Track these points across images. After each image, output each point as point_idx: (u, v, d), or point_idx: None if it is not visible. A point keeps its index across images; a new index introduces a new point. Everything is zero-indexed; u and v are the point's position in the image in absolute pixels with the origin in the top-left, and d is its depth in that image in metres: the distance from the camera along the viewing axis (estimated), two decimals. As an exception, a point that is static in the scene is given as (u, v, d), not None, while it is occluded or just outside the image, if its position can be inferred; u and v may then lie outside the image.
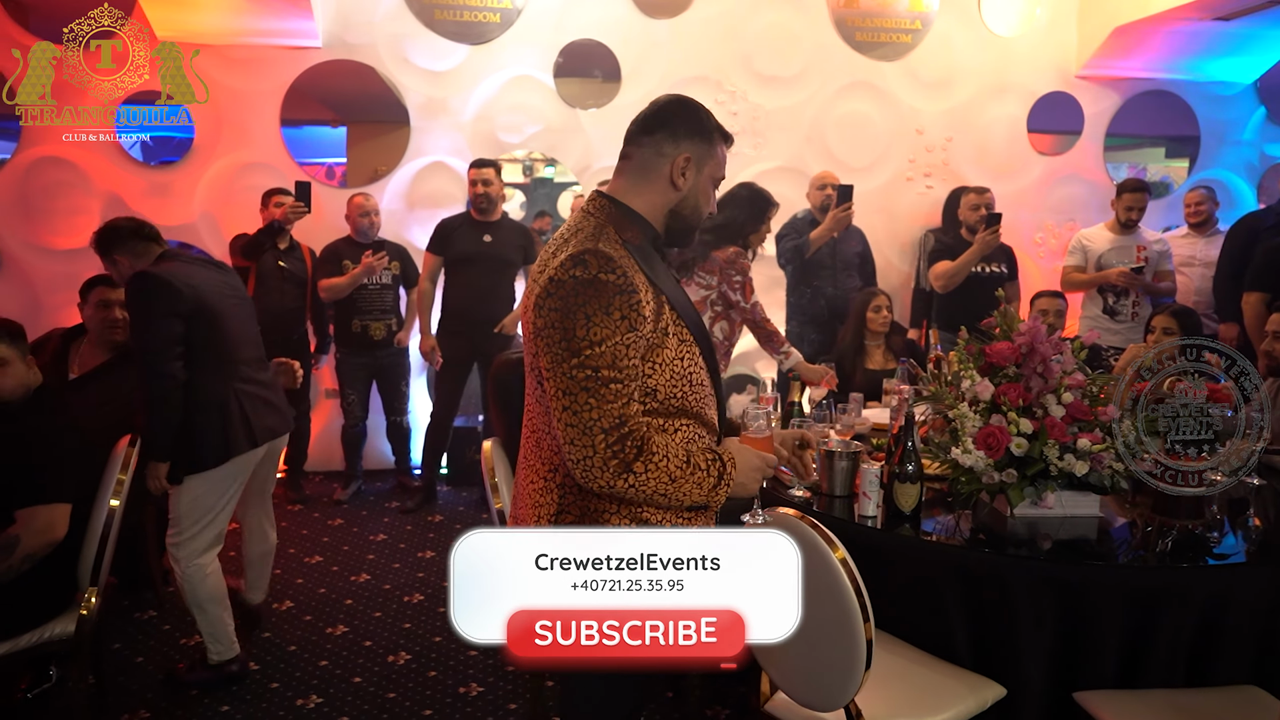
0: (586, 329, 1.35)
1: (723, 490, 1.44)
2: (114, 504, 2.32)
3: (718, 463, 1.44)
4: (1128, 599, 1.94)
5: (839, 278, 4.36)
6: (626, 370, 1.36)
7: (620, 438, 1.35)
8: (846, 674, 1.64)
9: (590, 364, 1.34)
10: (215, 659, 2.74)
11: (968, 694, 1.90)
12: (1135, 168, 7.90)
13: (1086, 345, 2.36)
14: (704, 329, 1.56)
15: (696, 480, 1.41)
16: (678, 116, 1.53)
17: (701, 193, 1.55)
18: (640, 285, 1.39)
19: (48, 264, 4.50)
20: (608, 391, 1.34)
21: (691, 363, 1.48)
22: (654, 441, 1.38)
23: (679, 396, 1.46)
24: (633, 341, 1.37)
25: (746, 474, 1.48)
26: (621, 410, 1.35)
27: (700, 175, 1.53)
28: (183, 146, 4.66)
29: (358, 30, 4.62)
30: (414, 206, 4.83)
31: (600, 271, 1.35)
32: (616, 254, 1.40)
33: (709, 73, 4.92)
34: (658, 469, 1.37)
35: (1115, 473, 2.18)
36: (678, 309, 1.47)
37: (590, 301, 1.35)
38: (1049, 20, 5.19)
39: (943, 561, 2.08)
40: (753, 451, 1.52)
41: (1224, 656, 1.95)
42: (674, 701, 2.66)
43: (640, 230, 1.50)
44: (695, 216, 1.56)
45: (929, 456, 2.37)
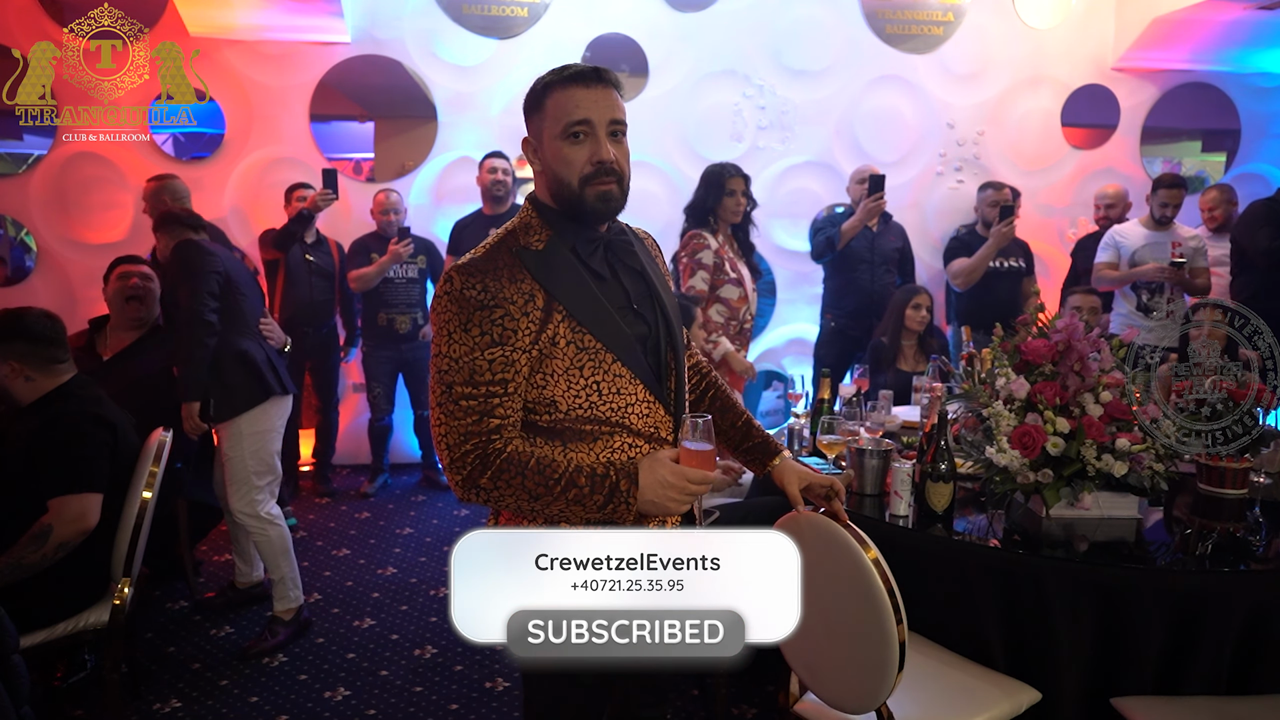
0: (448, 344, 1.34)
1: (620, 509, 1.34)
2: (146, 495, 2.34)
3: (609, 479, 1.33)
4: (1167, 603, 1.89)
5: (876, 273, 4.29)
6: (487, 385, 1.33)
7: (463, 454, 1.33)
8: (879, 676, 1.61)
9: (446, 379, 1.34)
10: (291, 605, 3.02)
11: (1002, 698, 1.86)
12: (1171, 162, 7.74)
13: (1126, 344, 2.31)
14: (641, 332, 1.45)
15: (574, 498, 1.33)
16: (525, 105, 1.49)
17: (554, 159, 1.40)
18: (515, 297, 1.34)
19: (83, 258, 4.56)
20: (457, 408, 1.33)
21: (599, 372, 1.39)
22: (508, 458, 1.33)
23: (586, 407, 1.39)
24: (497, 356, 1.33)
25: (656, 491, 1.33)
26: (471, 426, 1.33)
27: (543, 144, 1.42)
28: (214, 142, 4.71)
29: (386, 25, 4.64)
30: (441, 201, 4.84)
31: (464, 288, 1.33)
32: (492, 266, 1.35)
33: (736, 66, 4.89)
34: (510, 485, 1.33)
35: (1155, 473, 2.12)
36: (579, 317, 1.37)
37: (453, 318, 1.33)
38: (1085, 11, 5.09)
39: (976, 563, 2.04)
40: (670, 467, 1.35)
41: (1270, 664, 1.89)
42: (700, 699, 2.64)
43: (556, 231, 1.42)
44: (568, 184, 1.39)
45: (961, 455, 2.34)
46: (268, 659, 2.89)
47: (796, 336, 5.15)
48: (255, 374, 2.94)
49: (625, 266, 1.51)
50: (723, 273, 3.36)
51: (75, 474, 2.23)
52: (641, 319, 1.48)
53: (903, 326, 3.74)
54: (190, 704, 2.64)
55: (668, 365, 1.51)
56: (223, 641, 3.02)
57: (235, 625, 3.14)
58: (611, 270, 1.48)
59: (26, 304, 4.34)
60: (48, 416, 2.31)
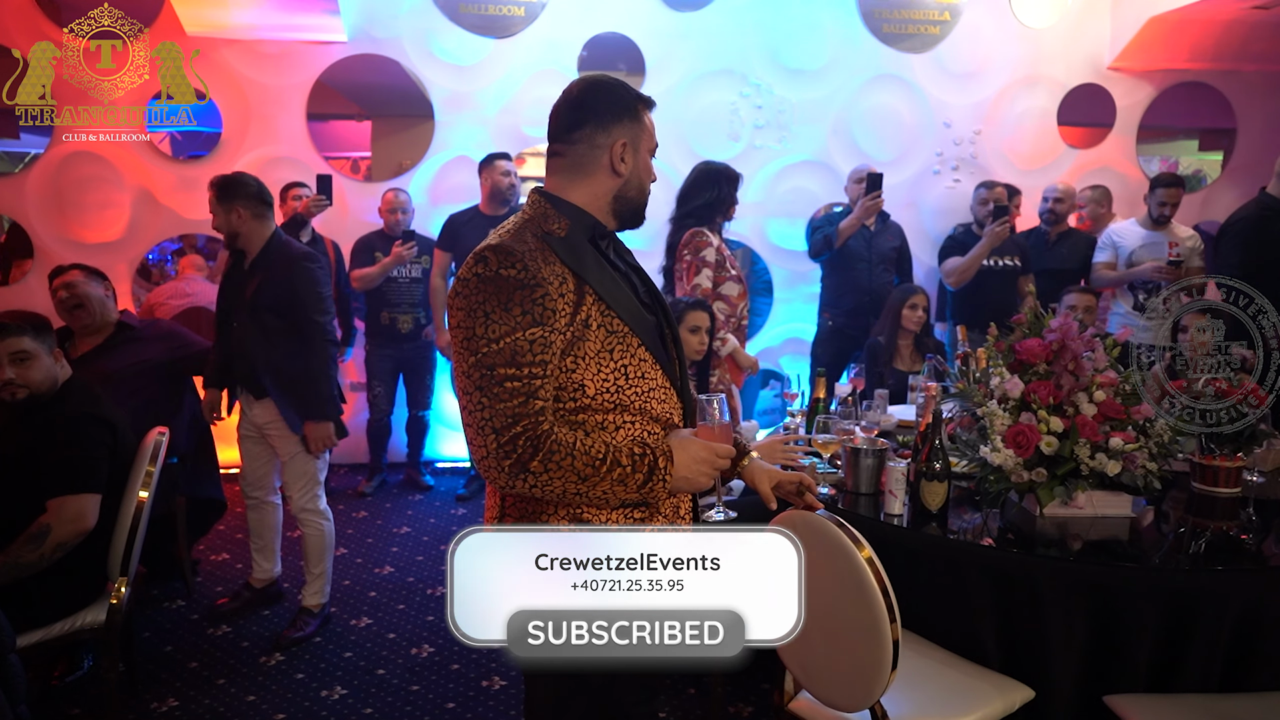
0: (485, 326, 1.32)
1: (658, 487, 1.37)
2: (143, 495, 2.34)
3: (648, 457, 1.36)
4: (1160, 602, 1.90)
5: (874, 271, 4.30)
6: (529, 367, 1.32)
7: (513, 437, 1.30)
8: (873, 674, 1.63)
9: (487, 362, 1.31)
10: (323, 600, 3.13)
11: (995, 696, 1.87)
12: (1168, 161, 7.74)
13: (1120, 343, 2.32)
14: (652, 321, 1.50)
15: (618, 477, 1.34)
16: (601, 103, 1.47)
17: (644, 170, 1.52)
18: (551, 278, 1.34)
19: (79, 257, 4.49)
20: (502, 390, 1.30)
21: (626, 356, 1.41)
22: (557, 440, 1.32)
23: (613, 391, 1.40)
24: (538, 337, 1.32)
25: (690, 468, 1.39)
26: (518, 408, 1.31)
27: (639, 155, 1.49)
28: (211, 141, 4.71)
29: (383, 25, 4.63)
30: (438, 201, 4.84)
31: (501, 268, 1.32)
32: (526, 248, 1.36)
33: (733, 66, 4.89)
34: (560, 468, 1.31)
35: (1149, 472, 2.13)
36: (608, 300, 1.40)
37: (490, 298, 1.32)
38: (1081, 10, 5.09)
39: (970, 561, 2.05)
40: (699, 443, 1.42)
41: (1263, 663, 1.90)
42: (696, 698, 2.65)
43: (573, 221, 1.45)
44: (641, 195, 1.53)
45: (956, 455, 2.34)
46: (264, 658, 2.90)
47: (794, 335, 5.15)
48: (336, 383, 3.08)
49: (626, 263, 1.57)
50: (724, 270, 3.37)
51: (74, 474, 2.24)
52: (650, 310, 1.53)
53: (899, 326, 3.74)
54: (187, 703, 2.64)
55: (673, 355, 1.55)
56: (220, 641, 3.02)
57: (233, 625, 3.14)
58: (621, 265, 1.54)
59: (23, 303, 4.37)
60: (47, 417, 2.31)
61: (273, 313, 2.90)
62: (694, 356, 2.96)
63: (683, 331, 2.93)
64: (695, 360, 3.00)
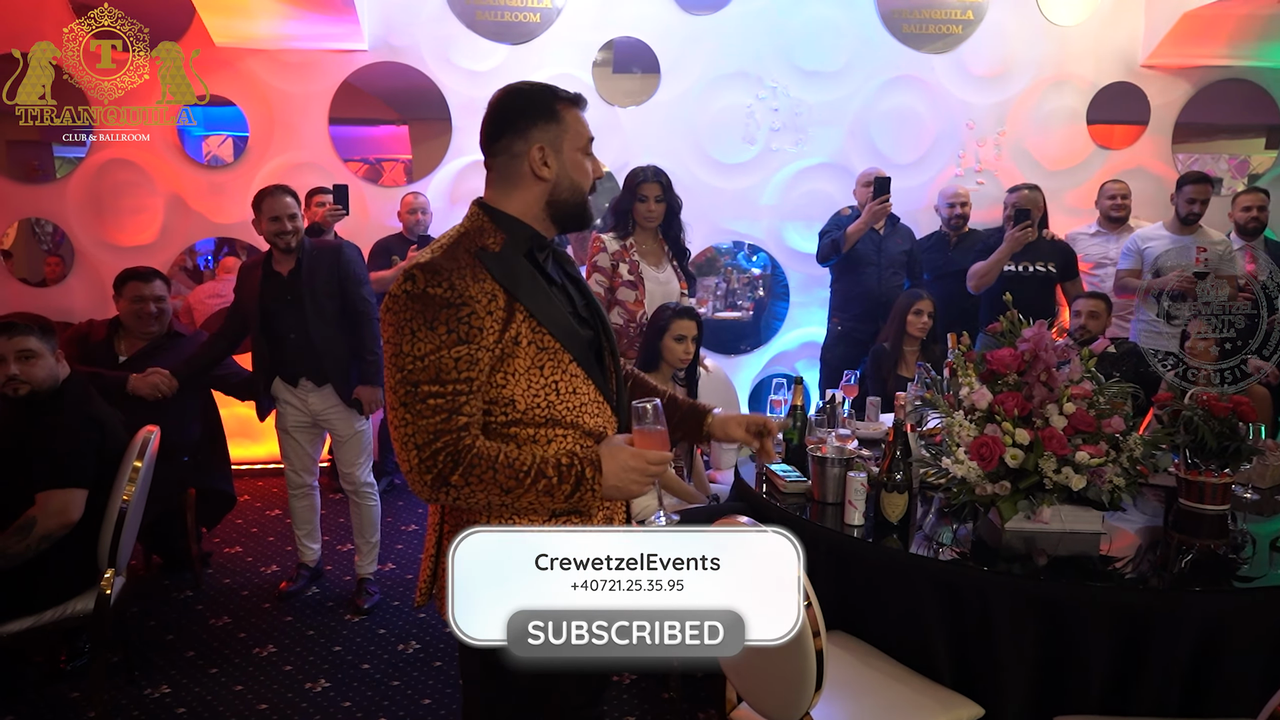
0: (411, 344, 1.33)
1: (587, 496, 1.38)
2: (130, 489, 2.44)
3: (575, 468, 1.37)
4: (1114, 621, 1.84)
5: (883, 275, 4.22)
6: (454, 384, 1.33)
7: (434, 452, 1.32)
8: (799, 687, 1.61)
9: (411, 379, 1.33)
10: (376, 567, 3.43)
11: (940, 712, 1.84)
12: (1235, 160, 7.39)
13: (1096, 354, 2.25)
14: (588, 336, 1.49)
15: (544, 488, 1.36)
16: (514, 110, 1.46)
17: (573, 169, 1.47)
18: (479, 296, 1.35)
19: (116, 260, 4.72)
20: (425, 407, 1.32)
21: (558, 371, 1.42)
22: (478, 454, 1.34)
23: (544, 406, 1.41)
24: (463, 354, 1.33)
25: (619, 476, 1.39)
26: (440, 425, 1.33)
27: (562, 155, 1.46)
28: (237, 147, 4.86)
29: (401, 32, 4.73)
30: (456, 204, 4.92)
31: (428, 286, 1.33)
32: (455, 266, 1.36)
33: (749, 68, 4.87)
34: (481, 481, 1.33)
35: (1116, 488, 2.07)
36: (540, 317, 1.41)
37: (416, 316, 1.33)
38: (1113, 7, 4.93)
39: (922, 574, 2.01)
40: (630, 451, 1.41)
41: (1224, 689, 1.83)
42: (669, 703, 2.65)
43: (508, 234, 1.45)
44: (576, 196, 1.49)
45: (928, 466, 2.31)
46: (258, 649, 2.99)
47: (809, 339, 5.10)
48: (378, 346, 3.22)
49: (567, 275, 1.57)
50: (619, 275, 3.36)
51: (61, 469, 2.35)
52: (586, 324, 1.53)
53: (904, 333, 3.67)
54: (179, 690, 2.74)
55: (609, 368, 1.55)
56: (220, 631, 3.13)
57: (234, 615, 3.25)
58: (559, 277, 1.53)
59: (62, 303, 4.57)
60: (43, 413, 2.43)
61: (329, 299, 3.19)
62: (678, 364, 2.97)
63: (667, 339, 2.95)
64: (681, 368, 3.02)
